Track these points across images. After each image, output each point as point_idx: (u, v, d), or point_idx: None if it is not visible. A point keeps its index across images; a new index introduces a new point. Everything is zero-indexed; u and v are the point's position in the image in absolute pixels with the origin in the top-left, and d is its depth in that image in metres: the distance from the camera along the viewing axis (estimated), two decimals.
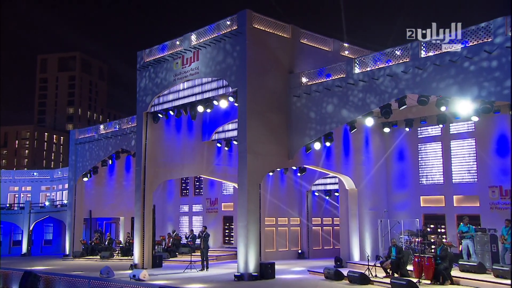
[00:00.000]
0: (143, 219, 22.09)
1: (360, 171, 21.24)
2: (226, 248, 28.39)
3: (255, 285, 16.25)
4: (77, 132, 31.86)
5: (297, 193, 27.09)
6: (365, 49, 22.97)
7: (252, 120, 18.17)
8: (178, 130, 24.29)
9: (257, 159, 18.07)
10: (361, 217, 20.94)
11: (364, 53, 22.09)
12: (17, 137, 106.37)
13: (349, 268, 19.26)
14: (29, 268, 22.34)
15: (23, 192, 41.99)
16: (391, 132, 21.55)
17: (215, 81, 19.92)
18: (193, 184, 31.94)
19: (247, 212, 17.59)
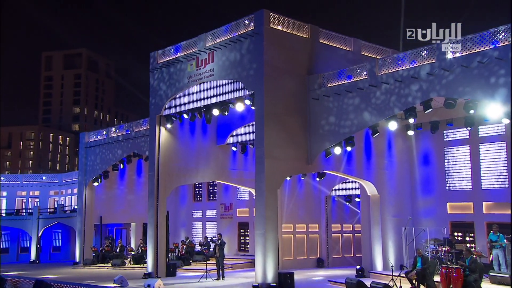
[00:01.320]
0: (157, 226, 22.57)
1: (383, 176, 21.40)
2: (241, 256, 28.74)
3: None
4: (87, 135, 32.55)
5: (316, 199, 27.30)
6: (389, 48, 23.10)
7: (269, 124, 18.48)
8: (192, 134, 24.74)
9: (275, 164, 18.37)
10: (384, 224, 21.07)
11: (387, 52, 22.24)
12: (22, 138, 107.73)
13: (372, 278, 19.45)
14: (40, 277, 23.03)
15: (31, 197, 42.94)
16: (415, 135, 21.64)
17: (231, 83, 20.28)
18: (207, 189, 32.39)
19: (265, 220, 17.91)
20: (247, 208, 29.75)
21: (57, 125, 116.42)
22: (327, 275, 22.42)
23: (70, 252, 38.93)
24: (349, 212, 27.95)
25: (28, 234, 37.97)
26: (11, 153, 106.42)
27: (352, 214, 27.77)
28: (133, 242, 34.71)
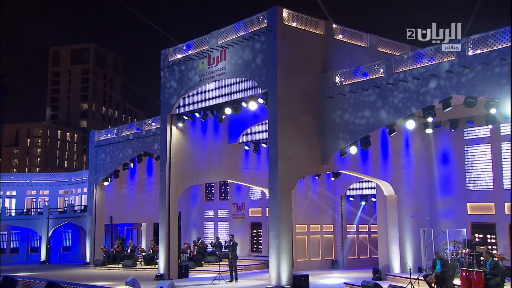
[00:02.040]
0: (168, 227, 22.86)
1: (400, 176, 21.41)
2: (254, 257, 28.96)
3: None
4: (97, 134, 32.97)
5: (331, 199, 27.38)
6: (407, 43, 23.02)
7: (283, 123, 18.60)
8: (204, 132, 24.96)
9: (289, 165, 18.51)
10: (401, 225, 21.10)
11: (405, 48, 22.19)
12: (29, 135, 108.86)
13: (389, 281, 19.51)
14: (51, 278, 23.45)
15: (40, 196, 43.63)
16: (434, 133, 21.61)
17: (243, 82, 20.44)
18: (219, 188, 32.63)
19: (279, 221, 18.08)
20: (260, 208, 29.93)
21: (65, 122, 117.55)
22: (342, 277, 22.52)
23: (80, 252, 39.53)
24: (365, 212, 27.98)
25: (37, 234, 38.62)
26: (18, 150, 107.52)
27: (368, 214, 27.79)
28: (143, 242, 35.12)
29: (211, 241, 29.99)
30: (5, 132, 56.47)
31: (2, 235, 40.18)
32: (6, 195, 43.37)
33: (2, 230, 39.89)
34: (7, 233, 40.19)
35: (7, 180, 43.55)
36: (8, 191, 43.39)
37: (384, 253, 21.47)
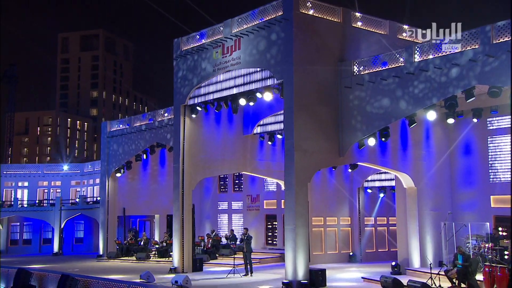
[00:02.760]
0: (182, 219, 23.19)
1: (420, 168, 21.38)
2: (269, 250, 29.27)
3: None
4: (109, 124, 33.38)
5: (348, 190, 27.47)
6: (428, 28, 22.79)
7: (299, 114, 18.66)
8: (218, 123, 25.14)
9: (305, 157, 18.60)
10: (421, 218, 21.12)
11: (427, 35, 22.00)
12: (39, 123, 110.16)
13: (408, 275, 19.62)
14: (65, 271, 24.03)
15: (52, 187, 44.42)
16: (456, 123, 21.40)
17: (258, 72, 20.48)
18: (233, 180, 32.90)
19: (295, 214, 18.21)
20: (275, 200, 30.15)
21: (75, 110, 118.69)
22: (360, 270, 22.68)
23: (93, 244, 40.27)
24: (383, 205, 28.00)
25: (50, 225, 39.41)
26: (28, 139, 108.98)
27: (387, 207, 27.81)
28: (157, 234, 35.63)
29: (226, 233, 30.32)
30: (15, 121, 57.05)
31: (15, 226, 41.14)
32: (18, 186, 44.20)
33: (14, 221, 40.84)
34: (20, 224, 41.12)
35: (19, 171, 44.35)
36: (20, 182, 44.23)
37: (404, 247, 21.52)
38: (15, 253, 39.27)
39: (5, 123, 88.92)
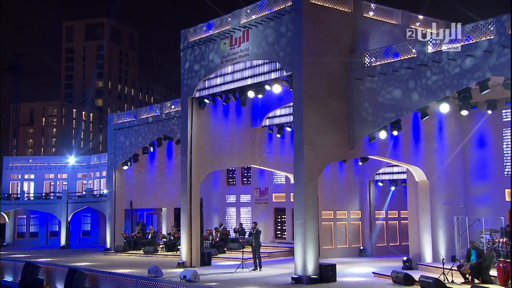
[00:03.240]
0: (190, 213, 23.38)
1: (433, 161, 21.35)
2: (278, 244, 29.44)
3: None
4: (115, 116, 33.59)
5: (358, 183, 27.51)
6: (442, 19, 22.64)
7: (309, 107, 18.67)
8: (226, 116, 25.22)
9: (315, 151, 18.63)
10: (434, 212, 21.13)
11: (440, 25, 21.87)
12: (44, 114, 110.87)
13: (420, 271, 19.69)
14: (73, 265, 24.40)
15: (58, 180, 44.88)
16: (469, 115, 21.32)
17: (267, 64, 20.48)
18: (241, 173, 33.03)
19: (304, 209, 18.28)
20: (284, 193, 30.26)
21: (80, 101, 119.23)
22: (371, 265, 22.74)
23: (100, 237, 40.74)
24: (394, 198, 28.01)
25: (57, 218, 39.87)
26: (33, 130, 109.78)
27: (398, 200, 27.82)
28: (164, 227, 35.95)
29: (234, 227, 30.53)
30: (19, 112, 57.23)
31: (21, 219, 41.67)
32: (24, 178, 44.67)
33: (21, 214, 41.36)
34: (26, 217, 41.66)
35: (25, 164, 44.79)
36: (26, 174, 44.67)
37: (415, 242, 21.58)
38: (22, 246, 39.84)
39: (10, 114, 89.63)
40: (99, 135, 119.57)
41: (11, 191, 43.60)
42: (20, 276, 24.33)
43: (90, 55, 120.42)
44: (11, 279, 26.61)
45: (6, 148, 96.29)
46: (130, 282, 19.59)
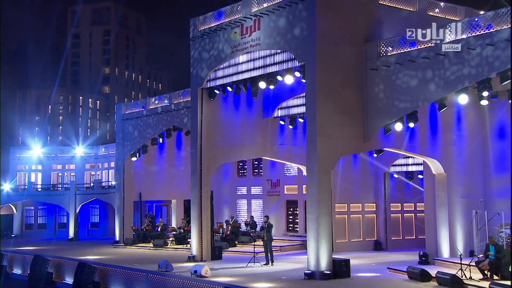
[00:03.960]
0: (200, 206, 23.61)
1: (450, 153, 21.28)
2: (290, 237, 29.63)
3: (328, 285, 17.19)
4: (124, 106, 33.84)
5: (373, 176, 27.51)
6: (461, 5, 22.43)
7: (322, 98, 18.68)
8: (237, 107, 25.32)
9: (328, 143, 18.68)
10: (451, 206, 21.13)
11: (459, 12, 21.69)
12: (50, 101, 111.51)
13: (437, 266, 19.75)
14: (82, 258, 24.84)
15: (66, 170, 45.44)
16: (490, 105, 21.15)
17: (279, 53, 20.48)
18: (252, 164, 33.15)
19: (318, 203, 18.38)
20: (296, 185, 30.37)
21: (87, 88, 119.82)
22: (386, 260, 22.88)
23: (109, 229, 41.24)
24: (410, 190, 28.00)
25: (65, 209, 40.42)
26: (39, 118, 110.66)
27: (414, 192, 27.82)
28: (174, 219, 36.30)
29: (245, 220, 30.75)
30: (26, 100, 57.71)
31: (29, 210, 42.30)
32: (32, 169, 45.24)
33: (29, 205, 41.97)
34: (34, 208, 42.27)
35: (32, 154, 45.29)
36: (33, 165, 45.26)
37: (432, 236, 21.61)
38: (30, 238, 40.46)
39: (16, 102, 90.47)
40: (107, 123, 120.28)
41: (19, 182, 44.23)
42: (29, 269, 24.84)
43: (96, 41, 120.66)
44: (20, 272, 27.17)
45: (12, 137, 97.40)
46: (140, 277, 19.94)
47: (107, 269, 21.87)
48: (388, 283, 17.59)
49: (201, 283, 17.47)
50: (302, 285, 17.32)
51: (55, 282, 24.28)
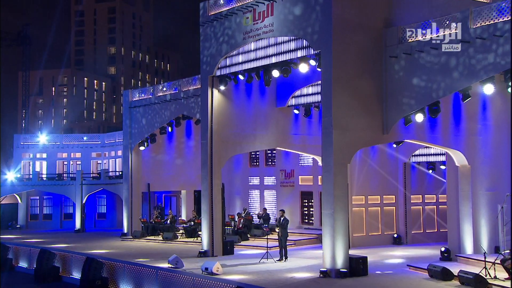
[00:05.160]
0: (211, 200, 23.89)
1: (475, 144, 21.18)
2: (305, 230, 29.90)
3: (344, 284, 17.35)
4: (131, 93, 34.06)
5: (392, 166, 27.49)
6: None
7: (338, 88, 18.68)
8: (249, 95, 25.41)
9: (345, 136, 18.73)
10: (476, 200, 21.06)
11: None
12: (53, 83, 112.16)
13: (460, 263, 19.83)
14: (90, 252, 25.37)
15: (72, 159, 46.00)
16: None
17: (293, 41, 20.46)
18: (265, 153, 33.33)
19: (333, 199, 18.49)
20: (311, 176, 30.52)
21: (92, 69, 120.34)
22: (405, 256, 23.03)
23: (116, 220, 41.90)
24: (432, 181, 28.00)
25: (70, 199, 41.03)
26: (43, 100, 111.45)
27: (436, 183, 27.82)
28: (183, 210, 36.76)
29: (258, 212, 31.03)
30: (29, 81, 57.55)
31: (34, 200, 42.98)
32: (36, 157, 45.86)
33: (34, 195, 42.65)
34: (39, 198, 42.90)
35: (37, 142, 45.90)
36: (38, 153, 45.86)
37: (455, 231, 21.64)
38: (35, 229, 41.26)
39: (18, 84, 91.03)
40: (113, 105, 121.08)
41: (23, 171, 44.87)
42: (35, 263, 25.44)
43: (101, 19, 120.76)
44: (26, 265, 27.82)
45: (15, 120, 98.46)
46: (150, 273, 20.36)
47: (115, 264, 22.32)
48: (408, 281, 17.70)
49: (213, 281, 17.80)
50: (317, 284, 17.52)
51: (62, 277, 24.85)
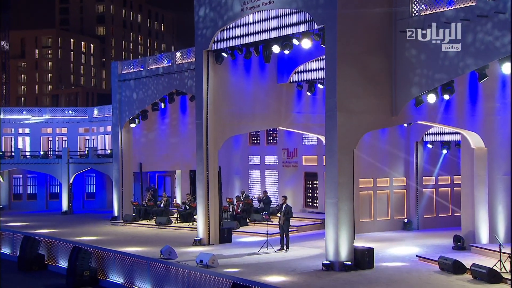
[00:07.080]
0: (207, 184, 24.16)
1: (492, 124, 21.23)
2: (308, 214, 30.21)
3: (348, 278, 17.62)
4: (120, 66, 33.98)
5: (403, 146, 27.58)
6: None
7: (344, 66, 18.68)
8: (247, 71, 25.38)
9: (350, 119, 18.80)
10: (492, 184, 21.22)
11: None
12: (37, 45, 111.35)
13: (473, 253, 20.11)
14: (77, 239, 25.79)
15: (57, 135, 46.12)
16: None
17: (295, 14, 20.35)
18: (266, 130, 33.36)
19: (338, 186, 18.68)
20: (316, 156, 30.64)
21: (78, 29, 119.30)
22: (416, 243, 23.34)
23: (107, 200, 42.29)
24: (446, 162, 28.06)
25: (56, 179, 41.32)
26: (25, 63, 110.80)
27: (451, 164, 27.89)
28: (178, 191, 37.06)
29: (258, 195, 31.30)
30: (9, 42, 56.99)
31: (17, 179, 43.18)
32: (18, 133, 45.96)
33: (16, 173, 42.79)
34: (23, 177, 43.11)
35: (19, 116, 45.94)
36: (20, 128, 45.93)
37: (469, 218, 21.88)
38: (19, 209, 41.50)
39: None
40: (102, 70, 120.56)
41: (4, 148, 44.91)
42: (18, 250, 25.85)
43: None
44: (9, 251, 28.21)
45: None
46: (141, 264, 20.62)
47: (105, 254, 22.59)
48: (416, 275, 17.91)
49: (207, 275, 18.08)
50: (319, 278, 17.79)
51: (48, 265, 25.28)
